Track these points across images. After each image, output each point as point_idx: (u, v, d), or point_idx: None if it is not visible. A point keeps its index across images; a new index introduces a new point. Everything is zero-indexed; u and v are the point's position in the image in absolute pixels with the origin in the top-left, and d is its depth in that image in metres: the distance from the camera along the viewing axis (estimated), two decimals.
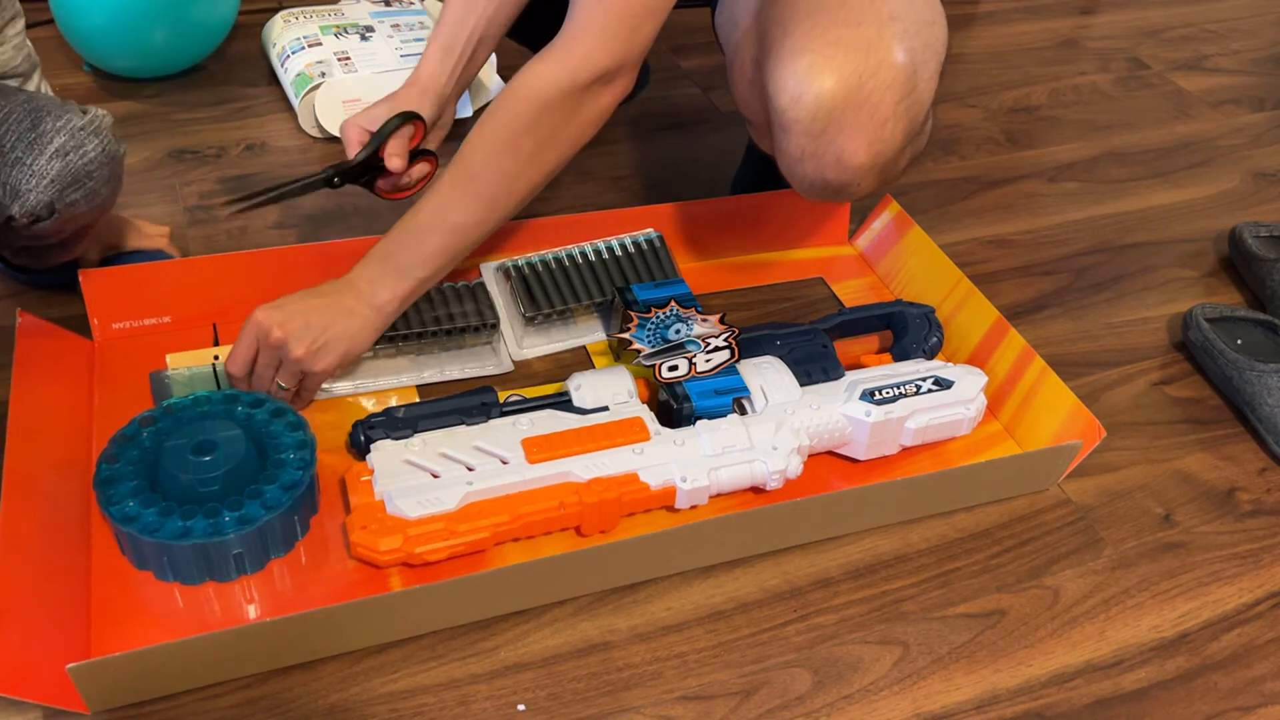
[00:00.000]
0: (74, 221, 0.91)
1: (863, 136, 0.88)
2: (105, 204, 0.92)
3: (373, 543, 0.81)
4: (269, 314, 0.88)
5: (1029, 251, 1.29)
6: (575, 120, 0.90)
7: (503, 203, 0.92)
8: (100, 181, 0.89)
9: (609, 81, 0.90)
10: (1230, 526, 0.97)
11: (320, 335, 0.88)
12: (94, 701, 0.74)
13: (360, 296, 0.91)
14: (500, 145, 0.90)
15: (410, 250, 0.91)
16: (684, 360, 0.97)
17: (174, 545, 0.78)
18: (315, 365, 0.89)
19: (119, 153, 0.91)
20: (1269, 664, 0.86)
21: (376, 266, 0.92)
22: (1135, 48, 1.79)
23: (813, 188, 0.94)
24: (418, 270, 0.92)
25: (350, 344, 0.90)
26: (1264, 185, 1.45)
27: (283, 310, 0.88)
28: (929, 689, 0.81)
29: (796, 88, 0.87)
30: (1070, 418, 0.96)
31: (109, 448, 0.84)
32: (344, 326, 0.90)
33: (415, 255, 0.91)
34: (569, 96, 0.88)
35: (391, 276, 0.91)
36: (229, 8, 1.45)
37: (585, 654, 0.82)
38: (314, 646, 0.79)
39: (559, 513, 0.86)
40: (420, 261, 0.91)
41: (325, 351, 0.89)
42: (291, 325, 0.88)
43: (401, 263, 0.91)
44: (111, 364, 1.00)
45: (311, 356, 0.89)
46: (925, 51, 0.90)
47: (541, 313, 1.04)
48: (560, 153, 0.92)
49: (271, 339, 0.88)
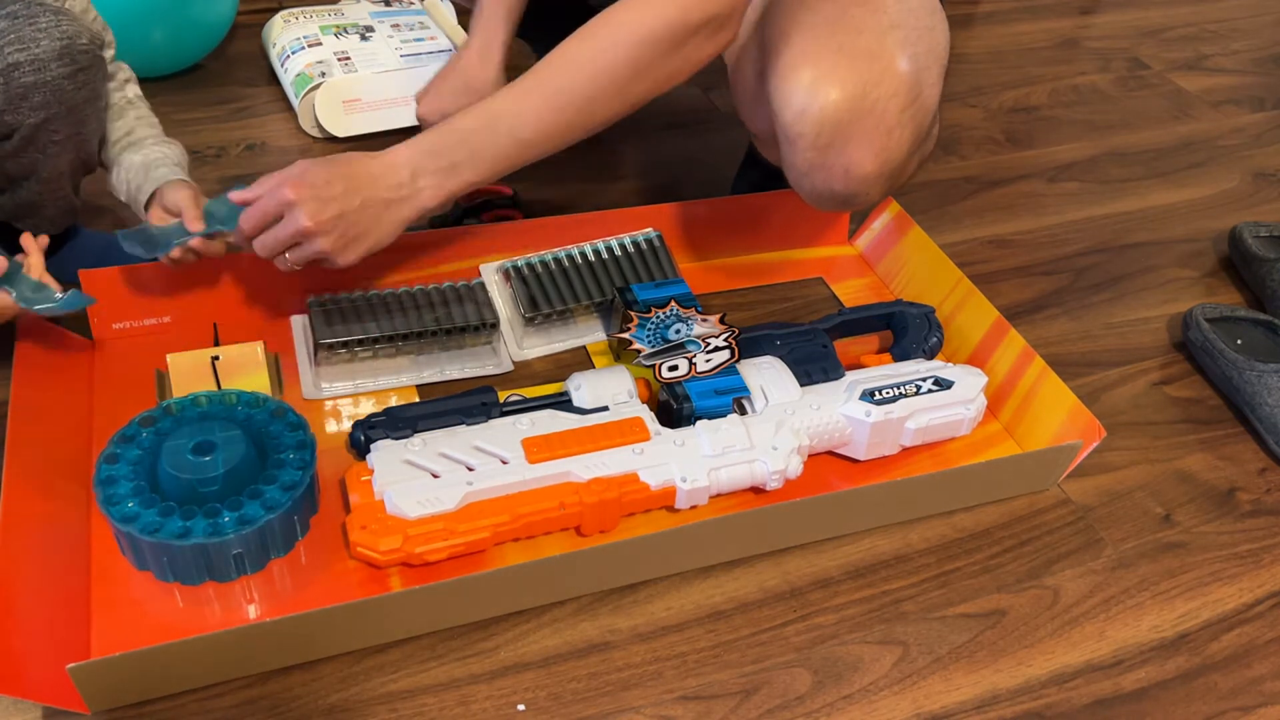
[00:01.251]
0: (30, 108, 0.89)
1: (870, 146, 0.88)
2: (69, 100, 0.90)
3: (373, 543, 0.81)
4: (300, 191, 0.83)
5: (1029, 251, 1.29)
6: (676, 60, 0.86)
7: (579, 126, 0.88)
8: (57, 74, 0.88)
9: (718, 28, 0.86)
10: (1230, 526, 0.97)
11: (352, 229, 0.84)
12: (94, 701, 0.74)
13: (401, 186, 0.86)
14: (594, 69, 0.85)
15: (468, 150, 0.87)
16: (684, 360, 0.97)
17: (174, 545, 0.78)
18: (340, 259, 0.86)
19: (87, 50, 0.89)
20: (1269, 664, 0.86)
21: (426, 158, 0.87)
22: (1135, 48, 1.79)
23: (821, 199, 0.94)
24: (469, 173, 0.87)
25: (380, 239, 0.87)
26: (1264, 185, 1.45)
27: (315, 192, 0.84)
28: (929, 689, 0.81)
29: (801, 101, 0.87)
30: (1070, 418, 0.96)
31: (109, 447, 0.84)
32: (377, 220, 0.85)
33: (472, 157, 0.87)
34: (677, 34, 0.84)
35: (440, 173, 0.87)
36: (228, 6, 1.45)
37: (585, 654, 0.82)
38: (314, 646, 0.79)
39: (559, 513, 0.86)
40: (475, 164, 0.87)
41: (354, 247, 0.86)
42: (324, 216, 0.84)
43: (455, 160, 0.87)
44: (111, 364, 0.99)
45: (339, 251, 0.86)
46: (927, 57, 0.90)
47: (541, 313, 1.04)
48: (650, 89, 0.88)
49: (301, 227, 0.84)
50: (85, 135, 0.95)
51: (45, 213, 1.00)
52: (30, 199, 0.98)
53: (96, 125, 0.96)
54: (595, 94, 0.86)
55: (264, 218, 0.85)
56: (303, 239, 0.85)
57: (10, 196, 0.97)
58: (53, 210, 1.00)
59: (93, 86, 0.91)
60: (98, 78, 0.92)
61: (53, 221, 1.02)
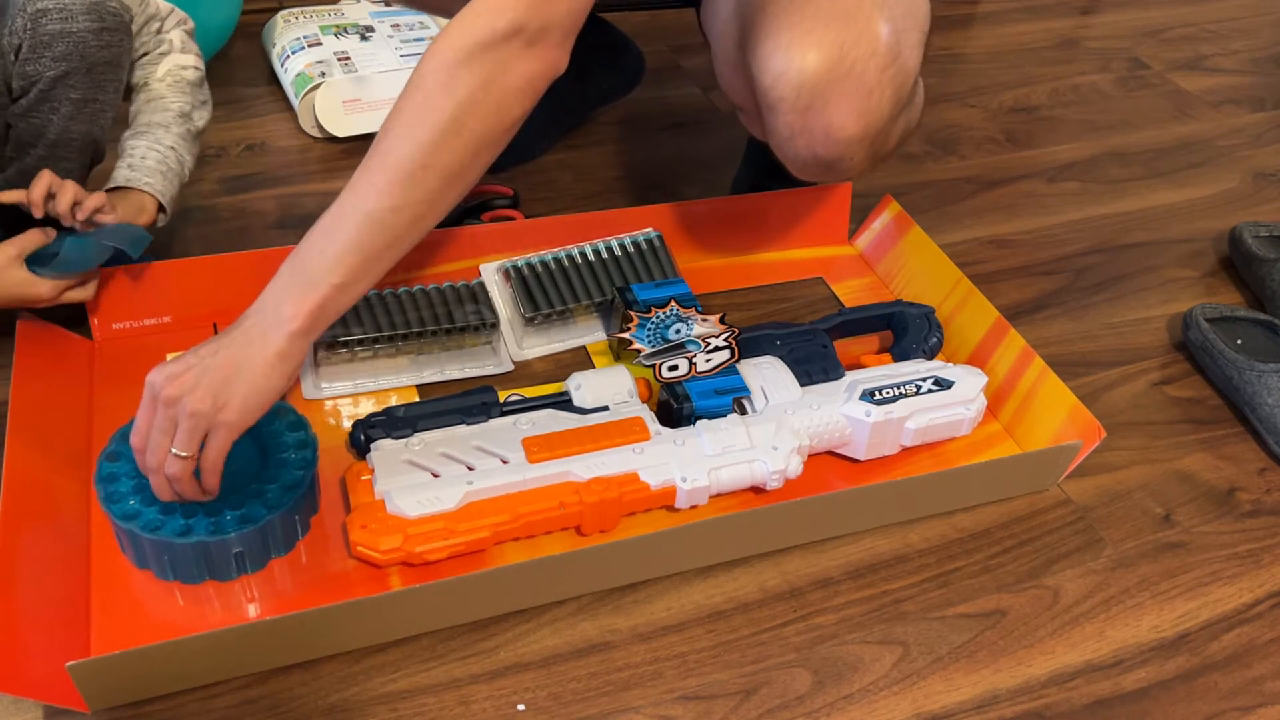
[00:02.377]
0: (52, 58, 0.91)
1: (851, 108, 0.88)
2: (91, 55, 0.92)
3: (373, 542, 0.81)
4: (160, 370, 0.75)
5: (1029, 251, 1.29)
6: (497, 83, 0.78)
7: (422, 182, 0.77)
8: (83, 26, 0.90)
9: (531, 43, 0.78)
10: (1230, 526, 0.97)
11: (219, 378, 0.74)
12: (94, 700, 0.74)
13: (263, 319, 0.76)
14: (414, 112, 0.78)
15: (319, 251, 0.76)
16: (684, 360, 0.97)
17: (175, 543, 0.78)
18: (219, 417, 0.74)
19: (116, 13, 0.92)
20: (1269, 664, 0.86)
21: (283, 279, 0.77)
22: (1135, 48, 1.79)
23: (806, 165, 0.94)
24: (330, 275, 0.76)
25: (255, 379, 0.75)
26: (1264, 185, 1.45)
27: (175, 364, 0.75)
28: (929, 689, 0.81)
29: (779, 65, 0.87)
30: (1070, 418, 0.96)
31: (110, 445, 0.84)
32: (245, 358, 0.75)
33: (325, 256, 0.76)
34: (486, 50, 0.77)
35: (299, 287, 0.76)
36: (229, 14, 1.45)
37: (585, 654, 0.82)
38: (314, 646, 0.79)
39: (559, 512, 0.86)
40: (332, 263, 0.76)
41: (228, 397, 0.74)
42: (185, 375, 0.74)
43: (310, 268, 0.76)
44: (111, 364, 0.99)
45: (212, 408, 0.74)
46: (906, 20, 0.89)
47: (541, 313, 1.04)
48: (486, 121, 0.78)
49: (164, 395, 0.73)
50: (101, 103, 0.96)
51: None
52: (36, 166, 0.98)
53: (114, 96, 0.98)
54: (427, 139, 0.77)
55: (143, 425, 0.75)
56: (171, 405, 0.74)
57: (17, 165, 0.98)
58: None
59: (115, 49, 0.93)
60: (122, 42, 0.94)
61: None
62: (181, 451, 0.74)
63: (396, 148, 0.77)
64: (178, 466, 0.75)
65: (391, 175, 0.77)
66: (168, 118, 1.02)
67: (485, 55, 0.77)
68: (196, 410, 0.73)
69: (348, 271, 0.76)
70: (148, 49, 1.03)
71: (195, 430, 0.74)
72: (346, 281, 0.77)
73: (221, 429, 0.75)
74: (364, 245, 0.77)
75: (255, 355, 0.75)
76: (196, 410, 0.73)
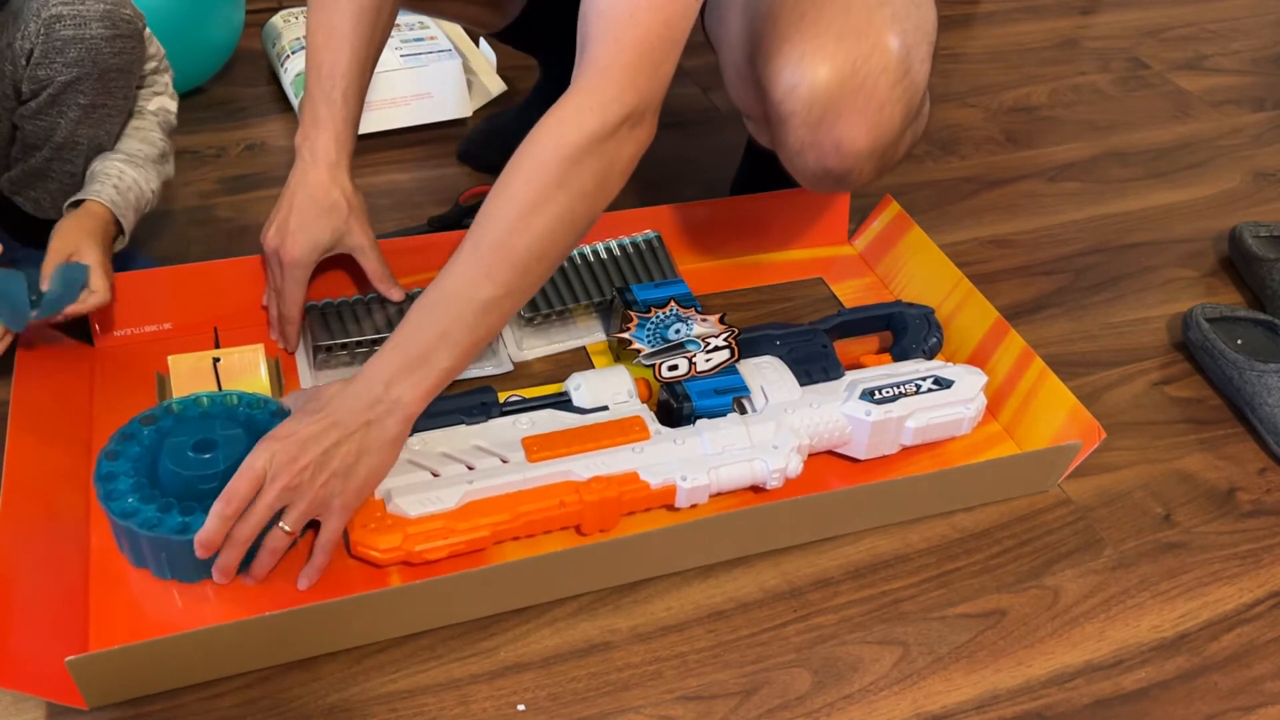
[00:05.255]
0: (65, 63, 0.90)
1: (861, 123, 0.88)
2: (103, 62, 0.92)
3: (372, 541, 0.81)
4: (277, 447, 0.75)
5: (1029, 251, 1.29)
6: (607, 169, 0.81)
7: (535, 270, 0.81)
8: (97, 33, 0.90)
9: (636, 124, 0.82)
10: (1230, 526, 0.97)
11: (342, 468, 0.76)
12: (92, 697, 0.74)
13: (377, 402, 0.79)
14: (529, 202, 0.79)
15: (432, 335, 0.80)
16: (684, 360, 0.97)
17: (173, 541, 0.78)
18: (337, 503, 0.78)
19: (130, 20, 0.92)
20: (1269, 664, 0.86)
21: (395, 360, 0.80)
22: (1135, 48, 1.79)
23: (814, 178, 0.94)
24: (443, 360, 0.80)
25: (376, 470, 0.79)
26: (1264, 185, 1.45)
27: (291, 442, 0.76)
28: (929, 689, 0.81)
29: (791, 79, 0.87)
30: (1070, 418, 0.96)
31: (110, 444, 0.84)
32: (366, 449, 0.78)
33: (438, 341, 0.80)
34: (599, 142, 0.79)
35: (413, 372, 0.79)
36: (232, 30, 1.44)
37: (585, 654, 0.82)
38: (313, 642, 0.79)
39: (559, 511, 0.86)
40: (445, 349, 0.80)
41: (351, 482, 0.77)
42: (306, 458, 0.75)
43: (424, 352, 0.79)
44: (112, 369, 0.99)
45: (332, 495, 0.77)
46: (916, 34, 0.90)
47: (541, 313, 1.04)
48: (592, 207, 0.82)
49: (285, 483, 0.75)
50: (109, 110, 0.96)
51: (49, 185, 1.00)
52: (40, 167, 0.98)
53: (123, 102, 0.98)
54: (542, 229, 0.79)
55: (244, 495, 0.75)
56: (291, 496, 0.76)
57: (22, 165, 0.98)
58: (56, 185, 1.00)
59: (128, 56, 0.93)
60: (134, 50, 0.94)
61: (54, 199, 1.02)
62: (291, 528, 0.77)
63: (512, 239, 0.79)
64: (283, 542, 0.78)
65: (504, 265, 0.79)
66: (154, 153, 1.01)
67: (600, 149, 0.80)
68: (318, 498, 0.77)
69: (458, 357, 0.81)
70: (141, 83, 1.02)
71: (310, 513, 0.77)
72: (455, 366, 0.81)
73: (338, 514, 0.79)
74: (474, 331, 0.80)
75: (373, 443, 0.78)
76: (318, 498, 0.77)
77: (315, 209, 0.94)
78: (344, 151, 0.95)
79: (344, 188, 0.95)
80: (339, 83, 0.95)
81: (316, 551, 0.80)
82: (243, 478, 0.75)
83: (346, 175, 0.96)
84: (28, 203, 1.02)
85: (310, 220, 0.94)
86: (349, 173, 0.96)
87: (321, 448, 0.76)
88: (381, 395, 0.79)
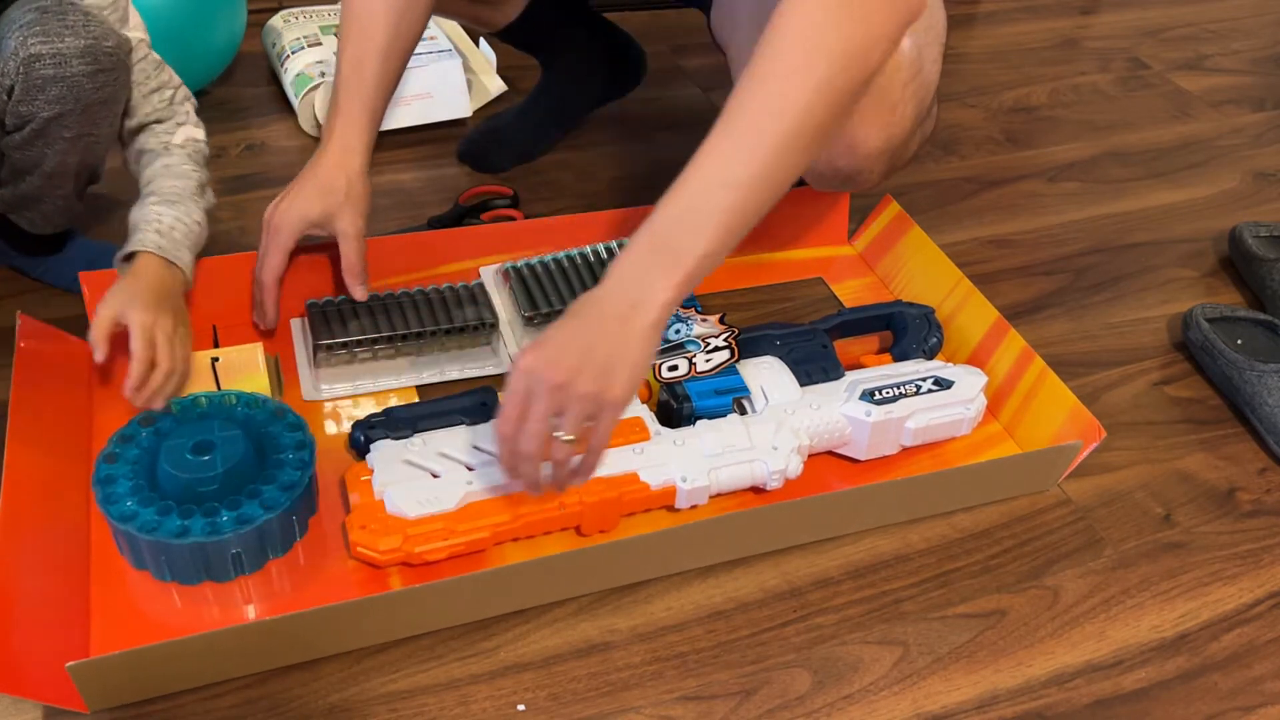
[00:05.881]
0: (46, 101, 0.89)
1: (874, 122, 0.88)
2: (86, 98, 0.90)
3: (372, 542, 0.81)
4: (535, 356, 0.74)
5: (1029, 251, 1.29)
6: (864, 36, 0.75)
7: (790, 148, 0.75)
8: (77, 70, 0.88)
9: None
10: (1230, 526, 0.97)
11: (602, 359, 0.74)
12: (93, 701, 0.74)
13: (628, 295, 0.75)
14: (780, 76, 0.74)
15: (682, 224, 0.75)
16: (684, 360, 0.97)
17: (172, 544, 0.78)
18: (607, 397, 0.74)
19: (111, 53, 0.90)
20: (1269, 664, 0.86)
21: (641, 254, 0.76)
22: (1135, 48, 1.79)
23: (824, 178, 0.94)
24: (696, 246, 0.75)
25: (636, 359, 0.75)
26: (1264, 185, 1.45)
27: (548, 347, 0.75)
28: (929, 689, 0.81)
29: None
30: (1070, 418, 0.96)
31: (108, 447, 0.84)
32: (624, 339, 0.75)
33: (690, 229, 0.75)
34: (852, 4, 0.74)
35: (665, 260, 0.75)
36: (234, 34, 1.44)
37: (585, 654, 0.82)
38: (313, 646, 0.79)
39: (559, 512, 0.86)
40: (697, 235, 0.75)
41: (616, 376, 0.74)
42: (567, 360, 0.73)
43: (674, 241, 0.75)
44: (111, 365, 0.99)
45: (601, 389, 0.74)
46: (928, 34, 0.89)
47: (541, 313, 1.04)
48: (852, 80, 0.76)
49: (550, 381, 0.73)
50: (96, 137, 0.95)
51: (43, 207, 1.00)
52: (31, 192, 0.98)
53: (110, 129, 0.96)
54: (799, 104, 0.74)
55: (518, 406, 0.75)
56: (560, 390, 0.74)
57: (12, 188, 0.98)
58: (51, 206, 1.00)
59: (111, 89, 0.92)
60: (118, 81, 0.92)
61: (48, 218, 1.02)
62: (571, 435, 0.75)
63: (761, 116, 0.75)
64: (565, 451, 0.76)
65: (757, 143, 0.74)
66: (191, 186, 0.98)
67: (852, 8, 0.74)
68: (586, 393, 0.73)
69: (712, 242, 0.75)
70: (161, 116, 0.99)
71: (583, 414, 0.75)
72: (711, 251, 0.75)
73: (609, 409, 0.75)
74: (730, 215, 0.75)
75: (632, 332, 0.74)
76: (586, 393, 0.73)
77: (314, 186, 0.95)
78: (359, 138, 0.96)
79: (350, 173, 0.96)
80: (361, 73, 0.96)
81: (589, 453, 0.78)
82: (510, 399, 0.75)
83: (357, 162, 0.96)
84: (23, 221, 1.02)
85: (306, 194, 0.95)
86: (362, 160, 0.96)
87: (579, 347, 0.74)
88: (637, 294, 0.75)
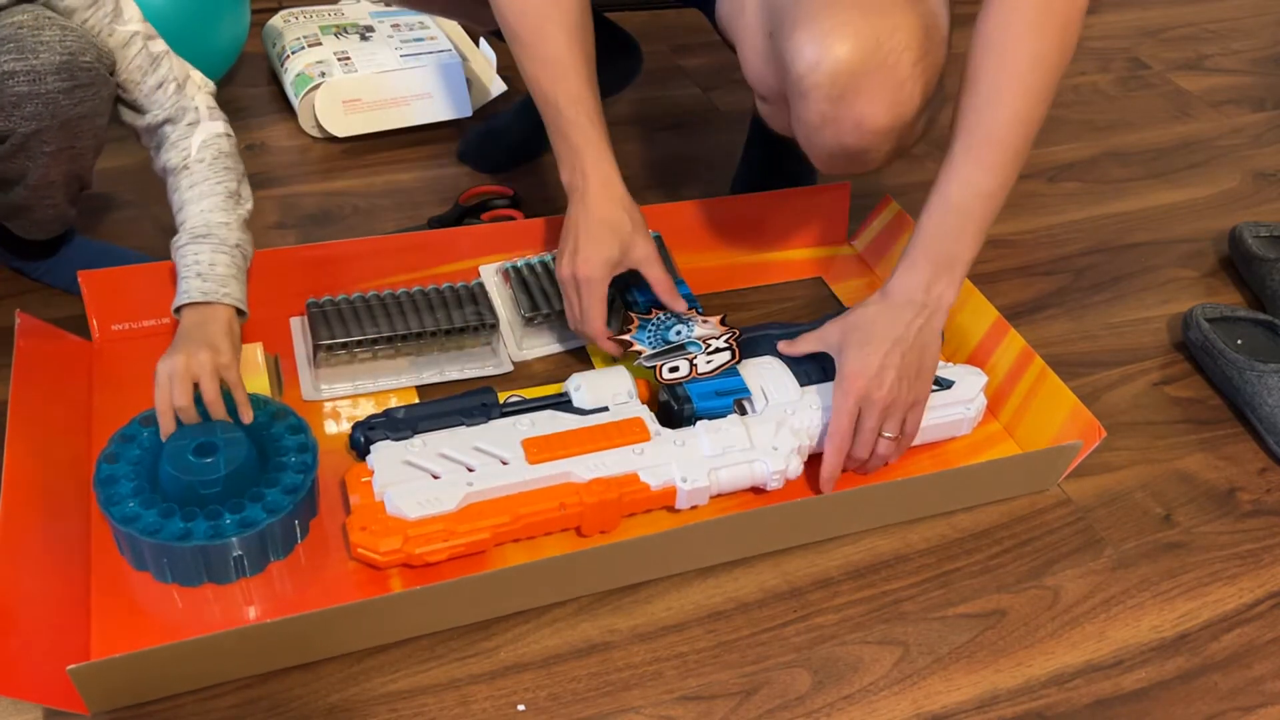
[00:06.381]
0: (22, 117, 0.86)
1: (882, 99, 0.88)
2: (63, 114, 0.87)
3: (373, 543, 0.81)
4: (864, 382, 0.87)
5: (1029, 251, 1.29)
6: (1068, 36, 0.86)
7: (1021, 154, 0.89)
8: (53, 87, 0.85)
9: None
10: (1230, 526, 0.97)
11: (915, 369, 0.88)
12: (94, 703, 0.74)
13: (923, 306, 0.90)
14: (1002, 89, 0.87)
15: (954, 237, 0.90)
16: (685, 361, 0.97)
17: (174, 547, 0.78)
18: (919, 397, 0.90)
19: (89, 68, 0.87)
20: (1269, 664, 0.86)
21: (926, 268, 0.90)
22: (1135, 48, 1.79)
23: (831, 155, 0.94)
24: (967, 253, 0.91)
25: (935, 359, 0.91)
26: (1264, 185, 1.45)
27: (865, 364, 0.87)
28: (929, 689, 0.81)
29: (813, 54, 0.87)
30: (1070, 418, 0.96)
31: (109, 447, 0.84)
32: (922, 345, 0.89)
33: (962, 239, 0.90)
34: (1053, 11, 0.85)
35: (946, 270, 0.90)
36: (238, 35, 1.44)
37: (585, 654, 0.82)
38: (314, 647, 0.79)
39: (559, 513, 0.86)
40: (968, 244, 0.90)
41: (922, 379, 0.90)
42: (888, 378, 0.87)
43: (951, 251, 0.90)
44: (111, 365, 1.00)
45: (916, 394, 0.89)
46: (938, 14, 0.90)
47: (541, 313, 1.04)
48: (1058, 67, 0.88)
49: (880, 403, 0.87)
50: (80, 149, 0.93)
51: (34, 216, 1.00)
52: (20, 202, 0.97)
53: (93, 141, 0.94)
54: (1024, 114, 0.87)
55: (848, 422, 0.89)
56: (887, 406, 0.88)
57: (2, 198, 0.97)
58: (42, 215, 1.00)
59: (91, 103, 0.89)
60: (97, 96, 0.89)
61: (41, 226, 1.02)
62: (893, 433, 0.90)
63: (1000, 129, 0.88)
64: (890, 447, 0.90)
65: (1001, 155, 0.88)
66: (218, 201, 0.93)
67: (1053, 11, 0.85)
68: (902, 402, 0.89)
69: (976, 246, 0.91)
70: (172, 115, 0.95)
71: (901, 417, 0.90)
72: (975, 254, 0.91)
73: (918, 407, 0.90)
74: (986, 221, 0.90)
75: (928, 337, 0.90)
76: (902, 402, 0.89)
77: (602, 228, 0.96)
78: (611, 167, 0.97)
79: (623, 203, 0.97)
80: (581, 108, 0.95)
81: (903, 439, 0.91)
82: (839, 419, 0.89)
83: (621, 190, 0.97)
84: (17, 228, 1.02)
85: (598, 238, 0.96)
86: (623, 187, 0.98)
87: (895, 366, 0.87)
88: (925, 300, 0.90)
